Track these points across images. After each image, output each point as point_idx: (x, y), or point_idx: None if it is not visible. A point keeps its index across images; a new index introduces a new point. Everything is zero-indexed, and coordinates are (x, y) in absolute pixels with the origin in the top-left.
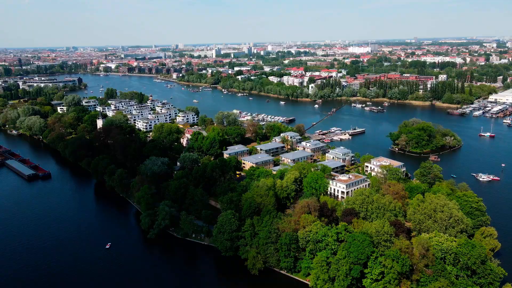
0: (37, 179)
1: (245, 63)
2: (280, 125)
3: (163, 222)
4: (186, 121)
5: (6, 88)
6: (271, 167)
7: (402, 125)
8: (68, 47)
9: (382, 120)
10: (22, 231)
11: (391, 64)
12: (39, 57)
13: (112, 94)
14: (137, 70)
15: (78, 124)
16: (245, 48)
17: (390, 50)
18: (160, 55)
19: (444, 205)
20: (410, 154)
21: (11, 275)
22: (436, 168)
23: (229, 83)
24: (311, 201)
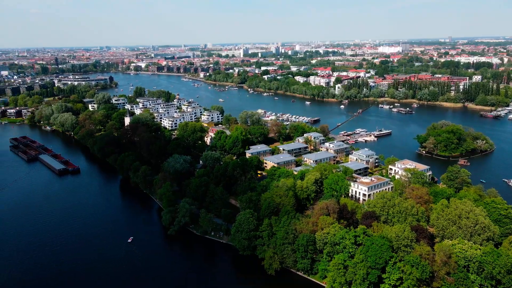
0: (67, 173)
1: (272, 62)
2: (304, 125)
3: (183, 219)
4: (211, 120)
5: (43, 86)
6: (293, 167)
7: (430, 127)
8: (102, 47)
9: (410, 122)
10: (51, 222)
11: (422, 64)
12: (74, 56)
13: (141, 92)
14: (166, 69)
15: (107, 121)
16: (272, 48)
17: (422, 50)
18: (189, 55)
19: (470, 211)
20: (438, 158)
21: (40, 263)
22: (464, 173)
23: (255, 83)
24: (330, 203)
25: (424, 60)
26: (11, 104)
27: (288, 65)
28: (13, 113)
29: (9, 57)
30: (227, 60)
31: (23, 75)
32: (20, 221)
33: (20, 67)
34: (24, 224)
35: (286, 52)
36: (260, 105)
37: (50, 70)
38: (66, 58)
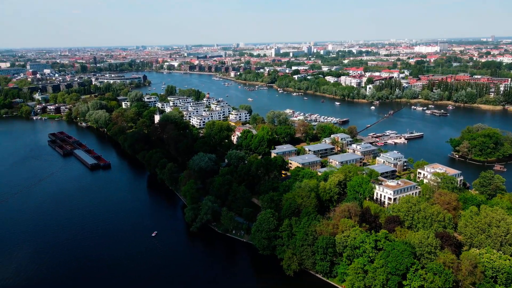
0: (98, 168)
1: (303, 62)
2: (332, 126)
3: (205, 216)
4: (239, 119)
5: (81, 83)
6: (318, 168)
7: (465, 130)
8: (138, 46)
9: (444, 124)
10: (82, 215)
11: (460, 65)
12: (111, 55)
13: (172, 91)
14: (198, 68)
15: (138, 118)
16: (304, 47)
17: (462, 50)
18: (221, 54)
19: (501, 219)
20: (472, 162)
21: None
22: (498, 179)
23: (285, 82)
24: (352, 206)
25: (463, 60)
26: (51, 101)
27: (319, 65)
28: (52, 110)
29: (52, 56)
30: (258, 60)
31: (63, 73)
32: (53, 213)
33: (61, 65)
34: (57, 215)
35: (318, 52)
36: (289, 105)
37: (88, 69)
38: (104, 57)
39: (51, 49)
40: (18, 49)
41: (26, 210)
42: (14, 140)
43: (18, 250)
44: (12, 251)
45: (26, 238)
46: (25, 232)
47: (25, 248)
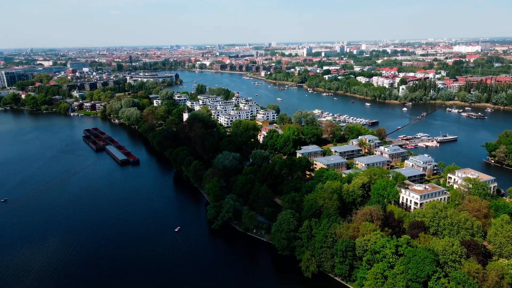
0: (128, 164)
1: (335, 62)
2: (360, 127)
3: (227, 214)
4: (266, 118)
5: (116, 82)
6: (343, 170)
7: (502, 134)
8: (172, 46)
9: (481, 128)
10: (110, 208)
11: (503, 65)
12: (146, 54)
13: (202, 90)
14: (229, 67)
15: (168, 116)
16: (337, 47)
17: (505, 50)
18: (252, 53)
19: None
20: (508, 168)
21: (96, 242)
22: None
23: (315, 82)
24: (374, 209)
25: (506, 61)
26: (88, 98)
27: (351, 64)
28: (88, 107)
29: (91, 55)
30: (290, 59)
31: (101, 71)
32: (83, 205)
33: (99, 64)
34: (87, 208)
35: (351, 52)
36: (317, 105)
37: (124, 67)
38: (139, 56)
39: (90, 49)
40: (60, 49)
41: (59, 201)
42: (52, 135)
43: (52, 237)
44: (46, 238)
45: (59, 227)
46: (58, 221)
47: (57, 236)
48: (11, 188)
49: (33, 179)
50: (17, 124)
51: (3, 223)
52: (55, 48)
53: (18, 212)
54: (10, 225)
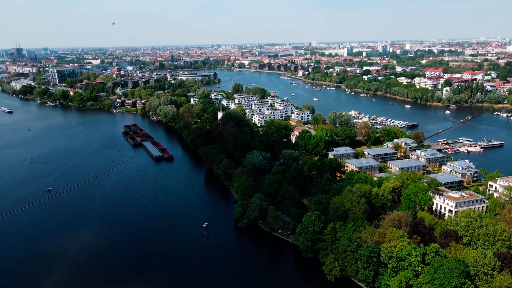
0: (162, 160)
1: (376, 62)
2: (397, 129)
3: (253, 213)
4: (300, 118)
5: (157, 80)
6: (376, 173)
7: None
8: (213, 45)
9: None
10: (142, 201)
11: None
12: (188, 53)
13: (238, 89)
14: (267, 67)
15: (203, 114)
16: (379, 47)
17: None
18: (292, 53)
19: None
20: None
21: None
22: None
23: (354, 83)
24: (403, 215)
25: None
26: (129, 96)
27: (393, 65)
28: (129, 104)
29: (136, 54)
30: (329, 59)
31: (143, 70)
32: (118, 198)
33: (142, 63)
34: (121, 201)
35: (394, 51)
36: (354, 106)
37: (166, 66)
38: (181, 55)
39: (136, 48)
40: (108, 48)
41: (97, 194)
42: (95, 130)
43: (87, 227)
44: (82, 227)
45: (94, 218)
46: (94, 212)
47: (92, 226)
48: (56, 179)
49: (75, 171)
50: (65, 119)
51: (46, 210)
52: (104, 48)
53: (59, 202)
54: (52, 213)
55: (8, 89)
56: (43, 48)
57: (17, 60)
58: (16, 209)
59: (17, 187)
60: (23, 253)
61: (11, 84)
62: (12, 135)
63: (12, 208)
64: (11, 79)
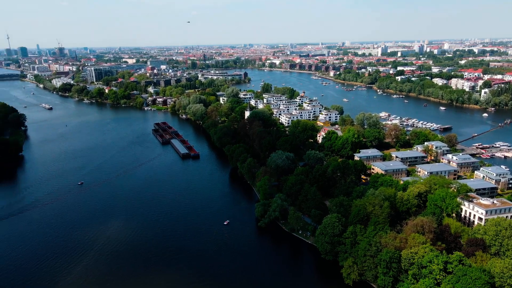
0: (188, 158)
1: (411, 62)
2: (428, 132)
3: (273, 213)
4: (328, 119)
5: (188, 79)
6: (403, 176)
7: None
8: (245, 44)
9: None
10: (167, 197)
11: None
12: (220, 53)
13: (267, 88)
14: (298, 66)
15: (231, 113)
16: (416, 46)
17: None
18: (324, 53)
19: None
20: None
21: (152, 227)
22: None
23: (386, 84)
24: (427, 221)
25: None
26: (161, 94)
27: (429, 65)
28: (160, 102)
29: (170, 53)
30: (362, 59)
31: (176, 69)
32: (144, 194)
33: (175, 62)
34: (147, 196)
35: (431, 51)
36: (385, 108)
37: (198, 65)
38: (213, 54)
39: (170, 47)
40: (144, 47)
41: (125, 189)
42: (126, 127)
43: (114, 220)
44: (109, 220)
45: (121, 212)
46: (121, 207)
47: (118, 220)
48: (87, 173)
49: (106, 166)
50: (99, 115)
51: (78, 203)
52: (140, 47)
53: (90, 195)
54: (83, 205)
55: (49, 86)
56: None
57: (59, 59)
58: (51, 200)
59: (52, 180)
60: (54, 242)
61: (52, 81)
62: (51, 130)
63: (47, 199)
64: (53, 77)
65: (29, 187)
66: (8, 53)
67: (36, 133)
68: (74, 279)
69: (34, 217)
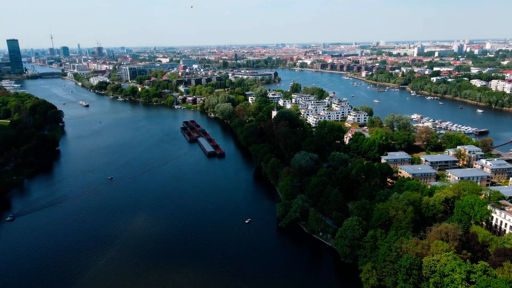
0: (214, 156)
1: (449, 63)
2: (462, 136)
3: (294, 214)
4: (357, 120)
5: (218, 78)
6: (431, 181)
7: None
8: (278, 44)
9: None
10: (191, 195)
11: None
12: (252, 52)
13: (297, 88)
14: (330, 66)
15: (259, 113)
16: (455, 46)
17: None
18: (357, 52)
19: None
20: None
21: (175, 223)
22: None
23: (420, 85)
24: (452, 228)
25: None
26: (191, 93)
27: (468, 66)
28: (190, 100)
29: (203, 53)
30: (396, 59)
31: (207, 68)
32: (169, 190)
33: (207, 61)
34: (171, 192)
35: (471, 51)
36: (418, 110)
37: (229, 65)
38: (245, 54)
39: (203, 47)
40: (178, 47)
41: (151, 185)
42: (156, 125)
43: (139, 214)
44: (135, 214)
45: (146, 207)
46: (146, 202)
47: (144, 214)
48: (117, 168)
49: (135, 163)
50: (131, 113)
51: (108, 196)
52: (174, 47)
53: (119, 189)
54: (112, 199)
55: (87, 84)
56: (121, 47)
57: (97, 58)
58: (82, 193)
59: (85, 174)
60: (83, 233)
61: (90, 80)
62: (86, 126)
63: (78, 192)
64: (90, 75)
65: (63, 180)
66: (51, 52)
67: (72, 129)
68: (100, 268)
69: (67, 208)
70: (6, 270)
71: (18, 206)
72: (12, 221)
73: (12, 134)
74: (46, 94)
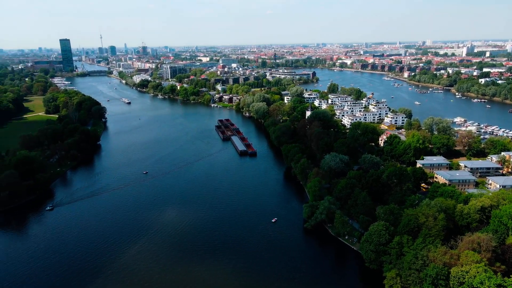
0: (246, 155)
1: (501, 63)
2: (508, 141)
3: (320, 216)
4: (394, 122)
5: (256, 77)
6: (469, 188)
7: None
8: (318, 44)
9: None
10: (220, 193)
11: None
12: (291, 52)
13: (334, 89)
14: (370, 67)
15: (293, 113)
16: (508, 46)
17: None
18: (400, 52)
19: None
20: None
21: (202, 219)
22: None
23: (466, 86)
24: (485, 238)
25: None
26: (228, 92)
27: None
28: (226, 99)
29: (243, 52)
30: (442, 59)
31: (246, 67)
32: (199, 187)
33: (246, 61)
34: (201, 190)
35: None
36: (462, 113)
37: (268, 64)
38: (284, 53)
39: (243, 46)
40: (219, 46)
41: (183, 181)
42: (192, 123)
43: (169, 209)
44: (166, 209)
45: (176, 203)
46: (177, 197)
47: (173, 209)
48: (152, 163)
49: (169, 159)
50: (170, 110)
51: (142, 189)
52: (215, 46)
53: (152, 184)
54: (146, 193)
55: (130, 82)
56: (164, 47)
57: (141, 57)
58: (118, 187)
59: (122, 168)
60: (116, 224)
61: (133, 78)
62: (127, 122)
63: (116, 185)
64: (134, 73)
65: (102, 172)
66: (100, 51)
67: (114, 124)
68: (129, 257)
69: (103, 200)
70: (42, 255)
71: (59, 196)
72: (51, 210)
73: (59, 128)
74: (92, 91)
